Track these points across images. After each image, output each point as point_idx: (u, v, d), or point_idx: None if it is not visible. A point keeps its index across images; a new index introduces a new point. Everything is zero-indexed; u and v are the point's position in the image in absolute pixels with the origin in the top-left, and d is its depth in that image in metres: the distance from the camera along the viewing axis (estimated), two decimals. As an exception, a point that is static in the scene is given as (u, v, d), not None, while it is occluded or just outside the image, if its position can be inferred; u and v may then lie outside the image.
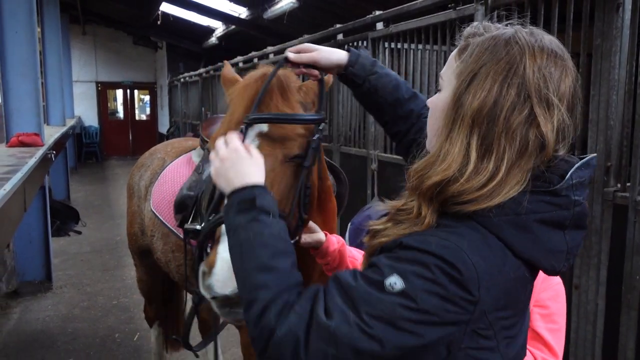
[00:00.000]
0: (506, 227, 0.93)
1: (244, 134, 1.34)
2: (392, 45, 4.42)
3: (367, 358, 0.90)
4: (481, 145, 0.94)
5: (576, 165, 0.96)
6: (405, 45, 4.21)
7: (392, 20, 4.35)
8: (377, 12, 4.49)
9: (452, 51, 1.08)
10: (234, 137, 1.20)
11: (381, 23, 4.47)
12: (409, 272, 0.90)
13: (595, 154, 1.11)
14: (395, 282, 0.89)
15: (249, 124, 1.39)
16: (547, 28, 2.95)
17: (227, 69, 1.68)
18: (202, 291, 1.33)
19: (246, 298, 0.99)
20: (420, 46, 3.97)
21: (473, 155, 0.93)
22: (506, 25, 1.06)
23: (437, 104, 1.05)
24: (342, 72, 1.49)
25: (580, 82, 1.00)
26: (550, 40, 0.99)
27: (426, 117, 1.12)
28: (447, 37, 3.62)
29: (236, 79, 1.66)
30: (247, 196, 1.07)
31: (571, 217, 0.95)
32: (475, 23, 1.08)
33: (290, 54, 1.46)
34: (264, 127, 1.43)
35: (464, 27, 1.08)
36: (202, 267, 1.34)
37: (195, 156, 2.72)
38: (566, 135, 0.97)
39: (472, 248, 0.91)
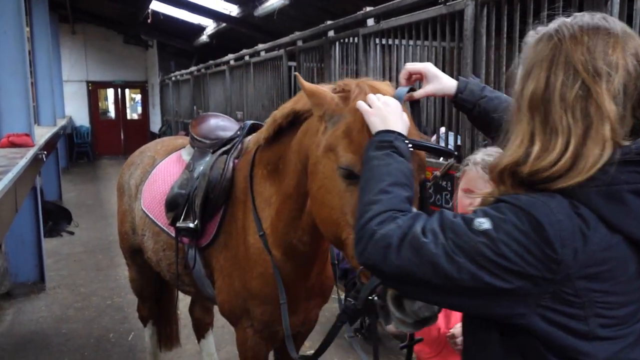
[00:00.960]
0: (595, 198, 0.96)
1: None
2: (383, 41, 4.43)
3: (442, 278, 0.98)
4: (544, 127, 1.00)
5: None
6: (396, 41, 4.22)
7: (382, 17, 4.35)
8: (368, 9, 4.50)
9: (442, 46, 1.12)
10: (385, 96, 1.40)
11: (372, 19, 4.48)
12: (496, 217, 0.98)
13: None
14: (482, 222, 0.98)
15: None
16: (537, 21, 2.97)
17: (306, 83, 1.62)
18: (400, 315, 1.28)
19: (361, 211, 1.14)
20: (411, 42, 3.97)
21: (538, 136, 1.01)
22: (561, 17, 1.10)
23: (511, 112, 1.12)
24: (453, 100, 1.56)
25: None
26: (591, 17, 1.04)
27: None
28: (438, 33, 3.63)
29: (326, 91, 1.61)
30: (387, 137, 1.26)
31: None
32: (530, 32, 1.14)
33: (414, 93, 1.55)
34: None
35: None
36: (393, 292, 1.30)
37: (185, 154, 2.72)
38: (631, 97, 0.99)
39: (560, 208, 0.95)
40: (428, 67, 1.56)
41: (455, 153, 1.54)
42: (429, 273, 0.99)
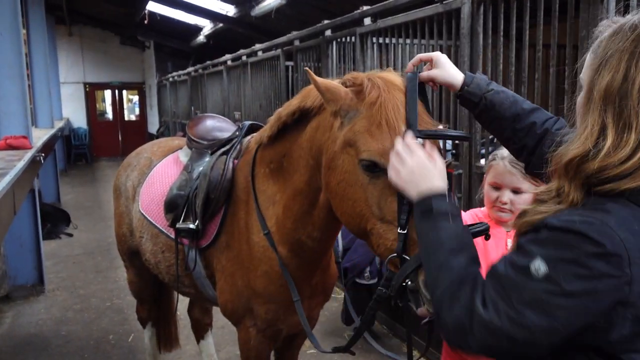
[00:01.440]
0: None
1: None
2: (380, 40, 4.43)
3: (521, 345, 0.94)
4: (618, 121, 0.95)
5: None
6: (394, 40, 4.22)
7: (379, 15, 4.36)
8: (365, 8, 4.50)
9: (439, 45, 1.10)
10: (417, 147, 1.31)
11: (369, 18, 4.48)
12: (552, 255, 0.91)
13: None
14: (539, 266, 0.91)
15: (423, 138, 1.41)
16: (533, 20, 3.00)
17: (318, 78, 1.60)
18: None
19: (430, 287, 1.13)
20: (408, 40, 3.97)
21: (610, 130, 0.95)
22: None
23: (578, 102, 1.08)
24: (459, 93, 1.54)
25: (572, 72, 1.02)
26: None
27: (557, 129, 1.16)
28: (435, 31, 3.63)
29: (340, 86, 1.59)
30: (427, 205, 1.20)
31: None
32: (604, 21, 1.08)
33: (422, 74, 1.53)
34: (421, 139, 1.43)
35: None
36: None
37: (182, 156, 2.71)
38: None
39: (620, 223, 0.89)
40: (438, 55, 1.56)
41: (469, 136, 1.57)
42: (508, 344, 0.96)
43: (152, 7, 11.92)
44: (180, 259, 2.48)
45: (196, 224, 2.31)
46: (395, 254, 1.40)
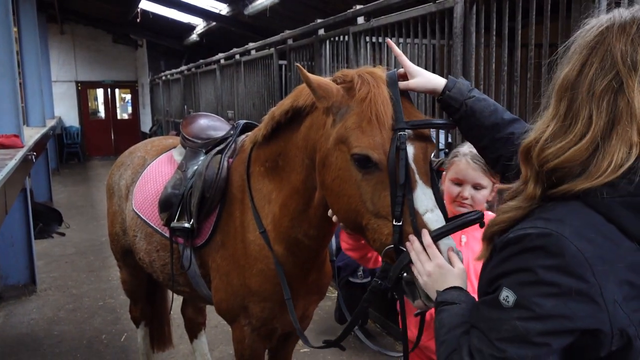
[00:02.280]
0: (617, 208, 0.90)
1: (398, 139, 1.41)
2: (374, 39, 4.43)
3: None
4: (568, 112, 0.97)
5: None
6: (387, 39, 4.22)
7: (373, 15, 4.36)
8: (358, 7, 4.50)
9: (432, 44, 1.11)
10: (437, 253, 1.30)
11: (362, 17, 4.48)
12: (515, 281, 0.90)
13: None
14: (507, 295, 0.92)
15: (410, 128, 1.45)
16: (525, 19, 3.01)
17: (310, 75, 1.59)
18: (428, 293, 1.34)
19: None
20: (401, 40, 3.98)
21: (558, 120, 0.98)
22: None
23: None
24: (440, 97, 1.54)
25: None
26: None
27: None
28: (428, 31, 3.64)
29: (332, 83, 1.61)
30: (437, 298, 1.23)
31: None
32: (592, 19, 1.07)
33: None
34: (410, 131, 1.47)
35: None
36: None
37: (176, 154, 2.71)
38: None
39: (575, 233, 0.88)
40: (410, 66, 1.57)
41: (455, 124, 1.60)
42: None
43: (144, 5, 11.86)
44: (175, 258, 2.47)
45: (191, 222, 2.31)
46: (392, 246, 1.41)
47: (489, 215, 1.92)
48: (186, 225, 2.32)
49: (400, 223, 1.39)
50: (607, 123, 0.93)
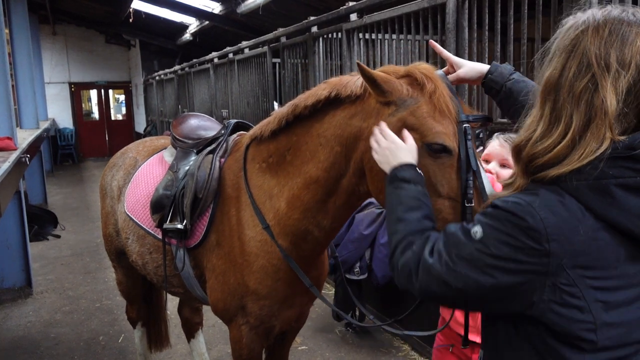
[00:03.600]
0: (585, 191, 1.02)
1: (465, 130, 1.56)
2: (367, 36, 4.43)
3: (454, 291, 1.11)
4: (552, 112, 1.08)
5: None
6: (380, 36, 4.23)
7: (365, 11, 4.36)
8: (351, 3, 4.50)
9: (425, 40, 1.19)
10: (387, 129, 1.56)
11: (355, 14, 4.48)
12: (487, 225, 1.08)
13: None
14: (477, 231, 1.09)
15: (472, 121, 1.60)
16: (518, 14, 3.01)
17: (373, 72, 1.66)
18: None
19: (388, 240, 1.34)
20: (394, 36, 3.98)
21: (544, 121, 1.09)
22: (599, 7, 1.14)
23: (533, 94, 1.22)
24: (483, 80, 1.66)
25: None
26: (623, 10, 1.07)
27: None
28: (421, 26, 3.64)
29: (394, 79, 1.68)
30: (393, 173, 1.43)
31: None
32: (569, 17, 1.15)
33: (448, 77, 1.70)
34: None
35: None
36: None
37: (167, 155, 2.70)
38: (637, 95, 1.02)
39: (543, 205, 1.03)
40: (453, 57, 1.71)
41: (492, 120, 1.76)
42: (443, 288, 1.13)
43: (136, 5, 11.81)
44: (168, 260, 2.47)
45: (184, 223, 2.30)
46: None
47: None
48: (179, 226, 2.31)
49: (472, 204, 1.52)
50: (585, 121, 1.03)
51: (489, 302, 1.10)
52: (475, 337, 1.92)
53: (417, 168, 1.45)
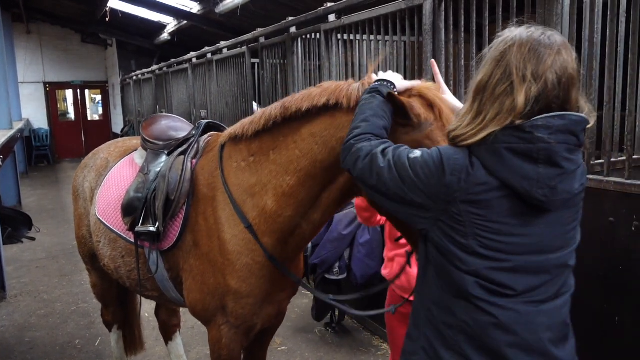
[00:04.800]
0: (483, 152, 1.33)
1: None
2: (345, 36, 4.45)
3: (382, 185, 1.42)
4: (478, 107, 1.36)
5: (546, 115, 1.29)
6: (358, 37, 4.25)
7: (344, 12, 4.37)
8: (329, 4, 4.51)
9: (403, 41, 1.35)
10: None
11: (333, 15, 4.49)
12: (425, 152, 1.40)
13: (582, 114, 1.33)
14: (416, 153, 1.41)
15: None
16: (493, 16, 3.05)
17: (407, 104, 1.70)
18: None
19: (348, 133, 1.60)
20: (372, 37, 4.00)
21: (472, 114, 1.37)
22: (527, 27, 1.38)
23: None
24: None
25: (576, 65, 1.33)
26: (542, 33, 1.33)
27: None
28: (398, 27, 3.67)
29: (419, 108, 1.73)
30: (374, 85, 1.72)
31: (537, 151, 1.28)
32: (506, 29, 1.40)
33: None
34: None
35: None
36: None
37: (137, 157, 2.68)
38: (542, 102, 1.29)
39: (459, 154, 1.35)
40: (442, 82, 1.88)
41: None
42: (375, 179, 1.44)
43: (113, 4, 11.65)
44: (141, 263, 2.44)
45: (157, 226, 2.28)
46: None
47: None
48: (151, 228, 2.29)
49: None
50: (494, 114, 1.32)
51: (400, 207, 1.43)
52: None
53: (394, 94, 1.66)
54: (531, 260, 1.34)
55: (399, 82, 1.75)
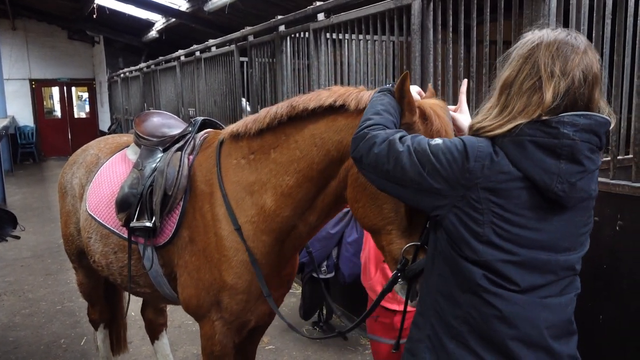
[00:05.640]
0: (507, 143, 1.36)
1: None
2: (334, 35, 4.45)
3: (399, 171, 1.43)
4: (505, 101, 1.39)
5: (573, 112, 1.33)
6: (347, 36, 4.25)
7: (333, 11, 4.37)
8: (318, 3, 4.51)
9: (391, 41, 1.36)
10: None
11: (322, 14, 4.49)
12: (447, 140, 1.43)
13: (605, 115, 1.36)
14: (437, 141, 1.43)
15: None
16: (480, 17, 3.07)
17: (412, 95, 1.73)
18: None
19: (360, 124, 1.60)
20: (360, 36, 4.01)
21: (499, 108, 1.41)
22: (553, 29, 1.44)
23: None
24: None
25: (599, 66, 1.38)
26: (568, 34, 1.39)
27: None
28: (387, 27, 3.68)
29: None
30: (386, 86, 1.75)
31: (561, 147, 1.31)
32: (529, 32, 1.45)
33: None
34: None
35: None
36: None
37: (130, 153, 2.66)
38: (568, 98, 1.33)
39: (483, 142, 1.39)
40: (463, 102, 1.89)
41: None
42: (392, 164, 1.43)
43: (100, 0, 11.55)
44: (134, 259, 2.43)
45: (153, 221, 2.28)
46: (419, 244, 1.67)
47: None
48: (147, 224, 2.29)
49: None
50: (522, 108, 1.36)
51: (414, 193, 1.44)
52: (395, 306, 2.27)
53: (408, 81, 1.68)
54: (539, 257, 1.37)
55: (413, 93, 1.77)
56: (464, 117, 1.82)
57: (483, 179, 1.34)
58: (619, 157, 2.60)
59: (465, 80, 1.96)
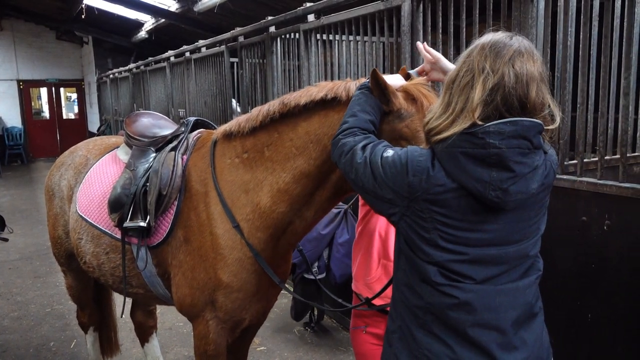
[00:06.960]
0: (442, 154, 1.43)
1: None
2: (324, 36, 4.46)
3: (359, 180, 1.54)
4: (448, 99, 1.45)
5: (499, 121, 1.37)
6: (337, 37, 4.26)
7: (323, 12, 4.38)
8: (308, 4, 4.51)
9: (381, 42, 1.38)
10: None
11: (312, 15, 4.50)
12: (395, 153, 1.50)
13: (534, 119, 1.39)
14: (389, 152, 1.51)
15: None
16: (470, 18, 3.09)
17: (387, 82, 1.76)
18: None
19: (339, 127, 1.70)
20: (351, 37, 4.02)
21: (443, 106, 1.46)
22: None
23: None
24: None
25: (542, 65, 1.41)
26: (507, 36, 1.43)
27: None
28: (377, 28, 3.69)
29: (397, 92, 1.80)
30: (365, 83, 1.78)
31: (489, 156, 1.36)
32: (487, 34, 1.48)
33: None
34: None
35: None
36: None
37: (121, 154, 2.65)
38: (500, 96, 1.36)
39: (424, 155, 1.46)
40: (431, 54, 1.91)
41: None
42: (354, 174, 1.56)
43: (89, 1, 11.47)
44: (127, 259, 2.42)
45: (147, 221, 2.27)
46: None
47: None
48: (141, 224, 2.28)
49: None
50: (461, 108, 1.41)
51: (374, 200, 1.53)
52: (380, 303, 2.22)
53: (377, 71, 1.73)
54: (489, 253, 1.42)
55: (393, 81, 1.80)
56: (444, 60, 1.87)
57: (422, 192, 1.42)
58: (606, 158, 2.63)
59: (419, 43, 1.98)
